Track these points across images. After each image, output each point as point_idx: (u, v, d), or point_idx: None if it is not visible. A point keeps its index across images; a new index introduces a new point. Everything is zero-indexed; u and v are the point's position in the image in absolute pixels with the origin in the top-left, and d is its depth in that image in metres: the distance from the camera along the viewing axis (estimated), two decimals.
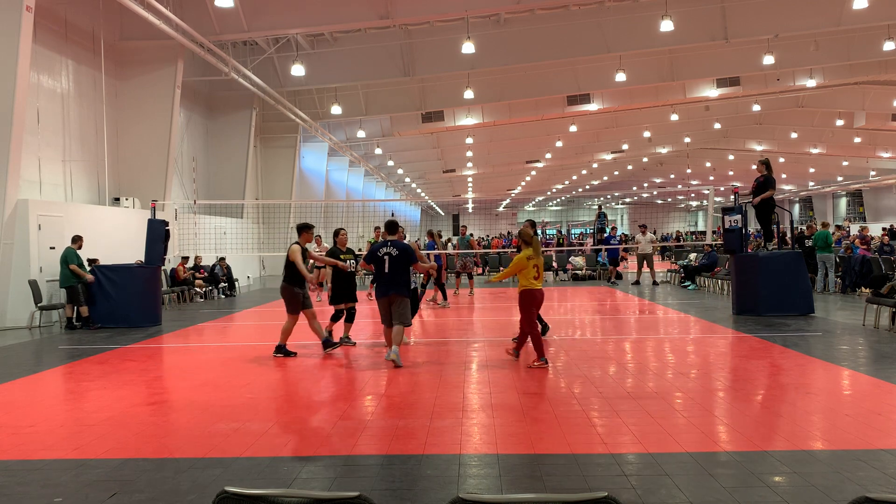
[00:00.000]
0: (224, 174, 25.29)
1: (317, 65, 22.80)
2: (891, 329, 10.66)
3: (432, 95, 26.80)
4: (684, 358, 8.86)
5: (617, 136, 39.79)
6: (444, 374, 8.12)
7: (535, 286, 8.44)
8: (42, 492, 4.47)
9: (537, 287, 8.46)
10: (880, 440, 5.19)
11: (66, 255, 13.24)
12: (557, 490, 4.37)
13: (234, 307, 16.93)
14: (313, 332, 9.79)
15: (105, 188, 17.67)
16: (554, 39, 21.30)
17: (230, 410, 6.52)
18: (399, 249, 8.89)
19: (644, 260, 22.40)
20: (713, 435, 5.44)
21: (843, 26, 20.21)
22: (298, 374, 8.33)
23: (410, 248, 9.33)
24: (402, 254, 8.87)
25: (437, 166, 45.07)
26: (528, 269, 8.40)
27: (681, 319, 12.96)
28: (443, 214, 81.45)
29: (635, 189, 67.16)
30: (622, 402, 6.53)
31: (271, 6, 18.12)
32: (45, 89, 15.63)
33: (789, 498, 4.12)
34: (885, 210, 52.18)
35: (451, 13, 18.97)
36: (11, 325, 13.23)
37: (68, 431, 5.89)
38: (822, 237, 17.68)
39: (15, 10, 12.81)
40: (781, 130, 39.79)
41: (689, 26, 20.45)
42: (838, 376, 7.58)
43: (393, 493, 4.36)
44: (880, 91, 30.48)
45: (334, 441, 5.49)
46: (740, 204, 13.68)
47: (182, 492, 4.43)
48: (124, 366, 9.10)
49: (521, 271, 8.46)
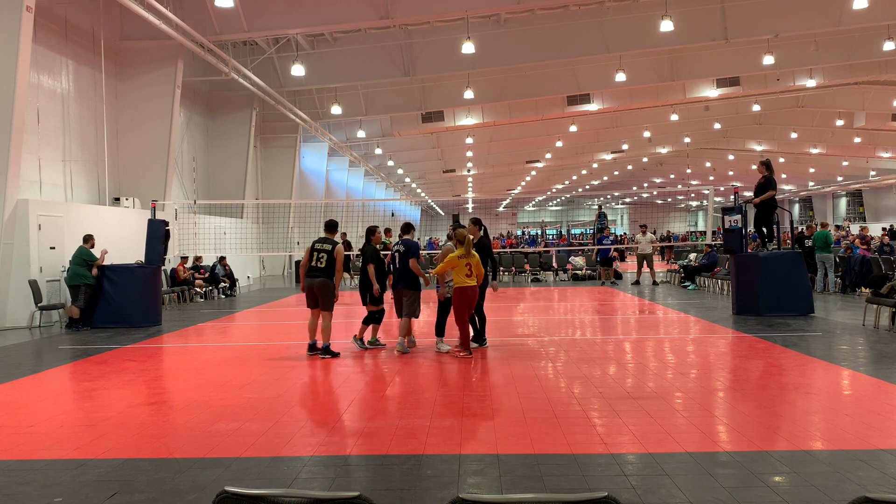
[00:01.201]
0: (224, 174, 25.29)
1: (317, 65, 22.80)
2: (891, 329, 10.66)
3: (432, 95, 26.80)
4: (684, 358, 8.86)
5: (617, 136, 39.79)
6: (444, 374, 8.12)
7: (468, 283, 8.94)
8: (42, 492, 4.47)
9: (469, 284, 8.95)
10: (880, 440, 5.19)
11: (82, 254, 13.21)
12: (557, 490, 4.37)
13: (235, 307, 16.93)
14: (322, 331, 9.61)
15: (105, 188, 17.67)
16: (554, 39, 21.30)
17: (230, 410, 6.52)
18: (405, 246, 9.76)
19: (644, 260, 22.40)
20: (713, 435, 5.44)
21: (843, 26, 20.22)
22: (299, 375, 8.33)
23: (413, 245, 9.94)
24: (406, 251, 9.69)
25: (437, 166, 45.08)
26: (460, 268, 8.94)
27: (681, 319, 12.96)
28: (443, 214, 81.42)
29: (635, 189, 67.17)
30: (622, 402, 6.53)
31: (271, 6, 18.12)
32: (45, 89, 15.63)
33: (789, 498, 4.13)
34: (885, 210, 52.18)
35: (451, 13, 18.98)
36: (11, 325, 13.23)
37: (68, 431, 5.90)
38: (822, 237, 17.68)
39: (15, 10, 12.81)
40: (781, 130, 39.80)
41: (689, 26, 20.46)
42: (838, 376, 7.58)
43: (393, 493, 4.36)
44: (880, 91, 30.48)
45: (334, 441, 5.49)
46: (740, 204, 13.67)
47: (182, 492, 4.43)
48: (124, 366, 9.10)
49: (455, 269, 9.01)
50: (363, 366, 8.85)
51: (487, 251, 9.82)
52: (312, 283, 9.47)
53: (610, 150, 44.29)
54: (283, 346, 10.59)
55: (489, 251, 9.92)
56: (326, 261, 9.47)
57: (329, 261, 9.48)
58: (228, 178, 25.26)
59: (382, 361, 9.08)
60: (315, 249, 9.56)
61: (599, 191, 70.24)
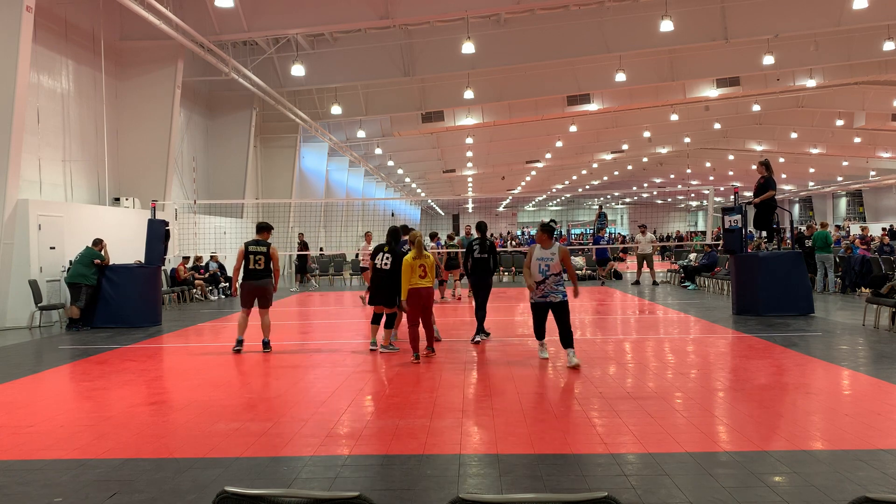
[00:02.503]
0: (224, 174, 25.29)
1: (317, 65, 22.80)
2: (891, 329, 10.66)
3: (432, 95, 26.80)
4: (684, 358, 8.86)
5: (617, 136, 39.79)
6: (444, 374, 8.12)
7: (420, 285, 9.04)
8: (42, 492, 4.47)
9: (422, 286, 9.04)
10: (880, 440, 5.19)
11: (92, 255, 13.20)
12: (557, 490, 4.37)
13: (234, 307, 16.92)
14: (264, 327, 10.18)
15: (105, 188, 17.67)
16: (554, 39, 21.30)
17: (230, 410, 6.52)
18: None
19: (644, 260, 22.40)
20: (713, 435, 5.44)
21: (843, 26, 20.22)
22: (299, 375, 8.33)
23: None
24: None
25: (437, 166, 45.07)
26: (414, 269, 9.10)
27: (681, 319, 12.96)
28: (443, 214, 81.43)
29: (635, 189, 67.22)
30: (622, 402, 6.53)
31: (271, 6, 18.12)
32: (45, 89, 15.63)
33: (789, 498, 4.13)
34: (885, 210, 52.18)
35: (451, 13, 18.98)
36: (11, 325, 13.22)
37: (68, 431, 5.90)
38: (822, 237, 17.67)
39: (15, 10, 12.81)
40: (781, 130, 39.80)
41: (689, 26, 20.46)
42: (838, 376, 7.58)
43: (393, 493, 4.36)
44: (880, 91, 30.48)
45: (334, 441, 5.49)
46: (740, 204, 13.67)
47: (182, 492, 4.43)
48: (124, 366, 9.10)
49: (410, 271, 9.13)
50: (363, 366, 8.85)
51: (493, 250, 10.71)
52: (256, 284, 10.02)
53: (610, 150, 44.28)
54: (284, 346, 10.59)
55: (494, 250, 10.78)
56: (264, 262, 10.04)
57: (266, 262, 10.05)
58: (228, 178, 25.25)
59: (382, 362, 9.08)
60: (250, 252, 10.02)
61: (599, 191, 70.22)
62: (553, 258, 8.41)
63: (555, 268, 8.40)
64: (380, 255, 9.82)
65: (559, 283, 8.50)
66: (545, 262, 8.42)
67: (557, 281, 8.47)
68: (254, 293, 10.04)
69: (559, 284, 8.50)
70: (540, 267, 8.46)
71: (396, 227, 10.43)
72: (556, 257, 8.40)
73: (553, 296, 8.47)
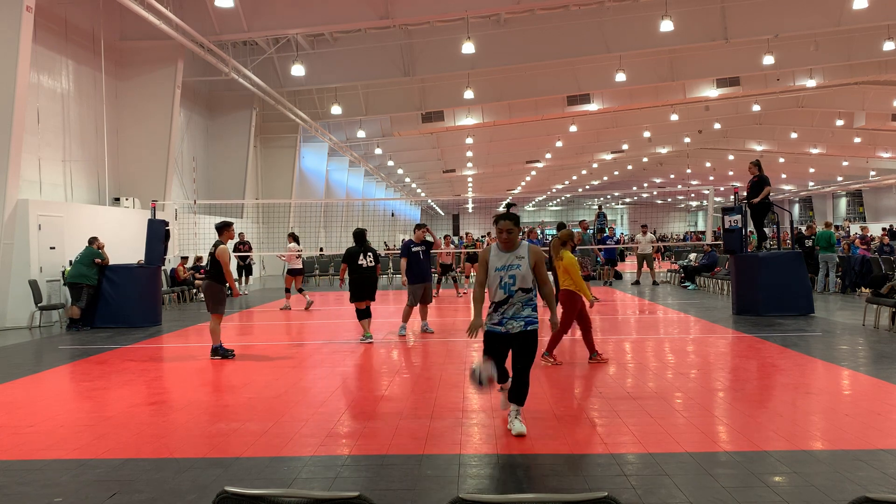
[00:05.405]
0: (224, 174, 25.29)
1: (317, 65, 22.81)
2: (891, 329, 10.66)
3: (432, 95, 26.81)
4: (684, 358, 8.86)
5: (617, 136, 39.80)
6: (444, 374, 8.12)
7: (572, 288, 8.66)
8: (42, 492, 4.47)
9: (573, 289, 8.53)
10: (880, 440, 5.19)
11: (93, 254, 13.21)
12: (557, 490, 4.37)
13: (234, 307, 16.92)
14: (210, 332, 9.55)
15: (105, 188, 17.67)
16: (554, 39, 21.31)
17: (230, 410, 6.52)
18: (426, 245, 11.46)
19: (644, 260, 22.40)
20: (713, 435, 5.44)
21: (843, 26, 20.23)
22: (299, 375, 8.33)
23: (403, 245, 11.51)
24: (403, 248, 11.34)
25: (437, 166, 45.08)
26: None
27: (681, 319, 12.96)
28: (443, 214, 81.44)
29: (635, 189, 67.22)
30: (622, 402, 6.53)
31: (271, 6, 18.13)
32: (45, 89, 15.63)
33: (789, 498, 4.13)
34: (885, 210, 52.19)
35: (451, 13, 18.99)
36: (11, 325, 13.22)
37: (68, 431, 5.89)
38: (826, 237, 17.63)
39: (15, 10, 12.81)
40: (781, 130, 39.81)
41: (689, 26, 20.46)
42: (838, 376, 7.58)
43: (393, 493, 4.36)
44: (880, 91, 30.48)
45: (334, 441, 5.49)
46: (740, 204, 13.67)
47: (182, 492, 4.43)
48: (124, 366, 9.10)
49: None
50: (363, 366, 8.85)
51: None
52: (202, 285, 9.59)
53: (610, 150, 44.29)
54: (284, 346, 10.59)
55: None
56: (210, 263, 9.56)
57: (213, 263, 9.45)
58: (228, 178, 25.26)
59: (383, 362, 9.08)
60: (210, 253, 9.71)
61: (599, 191, 70.26)
62: (520, 264, 5.42)
63: (523, 280, 5.43)
64: (361, 255, 10.55)
65: (529, 301, 5.50)
66: (509, 273, 5.42)
67: (527, 300, 5.48)
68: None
69: (528, 304, 5.49)
70: (501, 280, 5.43)
71: (361, 228, 11.09)
72: (524, 263, 5.43)
73: (513, 323, 5.46)
